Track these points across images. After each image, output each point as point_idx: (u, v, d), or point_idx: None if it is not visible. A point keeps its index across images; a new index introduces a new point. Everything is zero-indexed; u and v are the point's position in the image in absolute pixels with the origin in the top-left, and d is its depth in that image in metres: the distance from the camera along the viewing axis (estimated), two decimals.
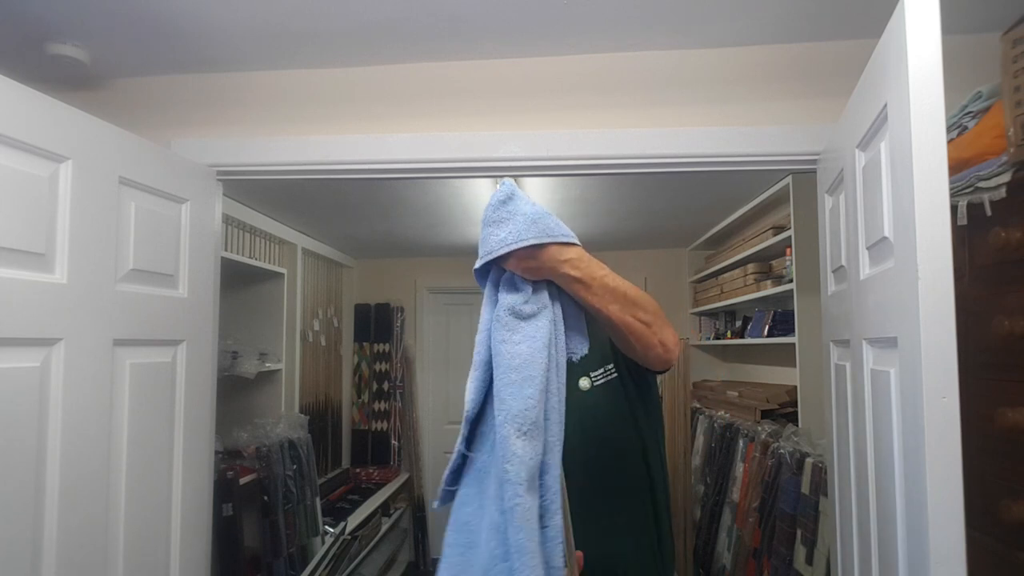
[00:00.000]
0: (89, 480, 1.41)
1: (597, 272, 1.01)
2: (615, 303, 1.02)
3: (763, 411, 2.93)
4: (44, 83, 1.81)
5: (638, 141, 1.77)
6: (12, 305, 1.25)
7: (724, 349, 4.18)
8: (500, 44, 1.76)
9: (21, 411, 1.27)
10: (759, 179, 2.75)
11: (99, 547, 1.43)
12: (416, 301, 4.77)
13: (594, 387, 1.40)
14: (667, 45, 1.78)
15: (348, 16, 1.60)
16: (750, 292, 3.13)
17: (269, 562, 2.69)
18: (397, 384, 4.58)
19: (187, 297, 1.74)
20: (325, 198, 3.06)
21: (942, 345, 0.95)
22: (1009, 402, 1.18)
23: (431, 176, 1.96)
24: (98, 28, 1.64)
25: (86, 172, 1.42)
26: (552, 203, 3.18)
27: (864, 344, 1.27)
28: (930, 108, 0.97)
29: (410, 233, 3.85)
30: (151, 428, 1.61)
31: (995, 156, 1.21)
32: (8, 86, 1.27)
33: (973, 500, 1.07)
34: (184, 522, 1.70)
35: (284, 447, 2.93)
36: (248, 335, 3.20)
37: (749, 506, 2.67)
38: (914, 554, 1.01)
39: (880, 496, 1.20)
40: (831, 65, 1.73)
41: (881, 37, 1.13)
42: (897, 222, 1.07)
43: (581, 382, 1.39)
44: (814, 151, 1.70)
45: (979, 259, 1.29)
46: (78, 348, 1.39)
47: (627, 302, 1.03)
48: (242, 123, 1.90)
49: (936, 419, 0.94)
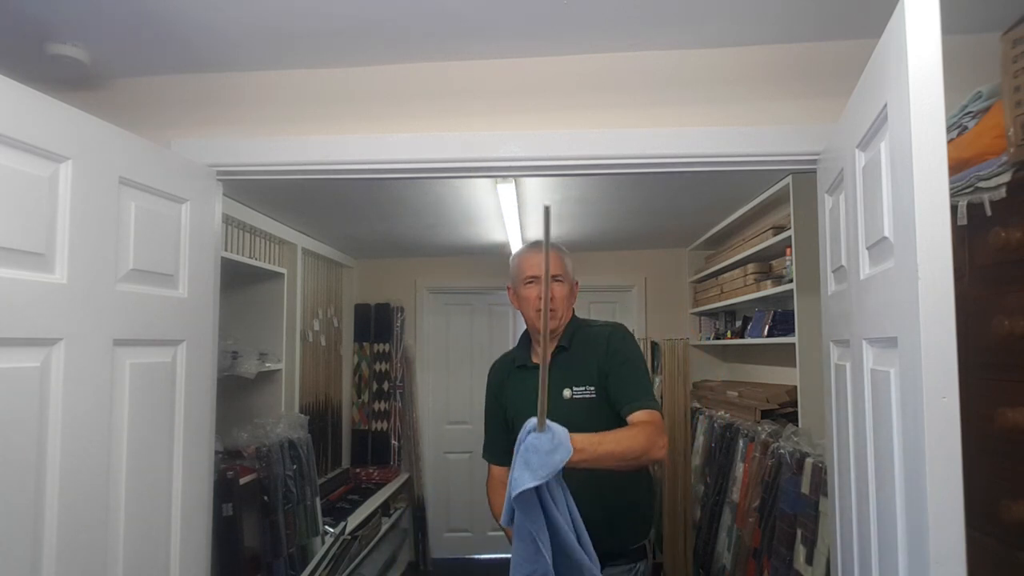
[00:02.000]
0: (89, 480, 1.41)
1: (600, 451, 1.28)
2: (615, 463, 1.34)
3: (763, 411, 2.93)
4: (44, 83, 1.81)
5: (638, 141, 1.77)
6: (12, 305, 1.25)
7: (724, 349, 4.18)
8: (500, 44, 1.76)
9: (21, 411, 1.27)
10: (759, 179, 2.75)
11: (99, 547, 1.43)
12: (416, 301, 4.77)
13: (574, 398, 1.68)
14: (667, 45, 1.77)
15: (348, 16, 1.60)
16: (750, 292, 3.13)
17: (269, 562, 2.69)
18: (397, 384, 4.58)
19: (187, 297, 1.74)
20: (325, 198, 3.06)
21: (942, 345, 0.95)
22: (1009, 402, 1.17)
23: (431, 176, 1.96)
24: (98, 28, 1.64)
25: (86, 172, 1.42)
26: (552, 203, 3.17)
27: (864, 344, 1.27)
28: (930, 108, 0.97)
29: (410, 233, 3.85)
30: (151, 428, 1.61)
31: (995, 156, 1.21)
32: (8, 86, 1.27)
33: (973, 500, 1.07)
34: (184, 522, 1.70)
35: (284, 447, 2.93)
36: (248, 335, 3.20)
37: (749, 506, 2.67)
38: (914, 554, 1.01)
39: (880, 496, 1.20)
40: (831, 65, 1.73)
41: (881, 37, 1.13)
42: (897, 222, 1.07)
43: (564, 391, 1.68)
44: (814, 151, 1.70)
45: (979, 259, 1.29)
46: (78, 348, 1.39)
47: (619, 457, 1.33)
48: (242, 123, 1.90)
49: (936, 419, 0.94)
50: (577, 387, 1.68)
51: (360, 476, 4.28)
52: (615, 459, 1.31)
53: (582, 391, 1.67)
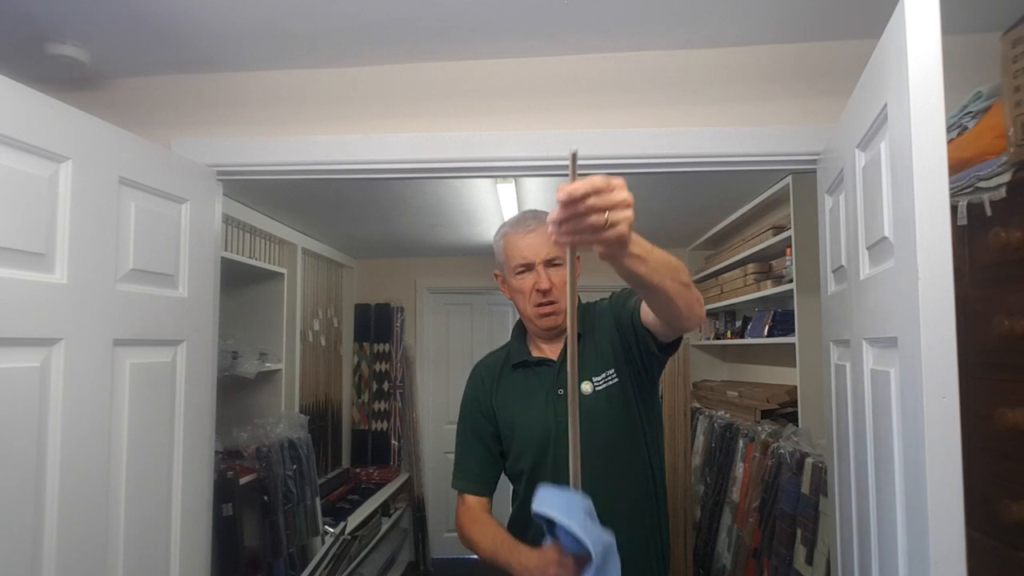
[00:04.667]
0: (89, 480, 1.41)
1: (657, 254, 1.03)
2: (668, 277, 1.05)
3: (763, 411, 2.93)
4: (44, 83, 1.81)
5: (638, 141, 1.77)
6: (12, 305, 1.25)
7: (724, 349, 4.18)
8: (500, 44, 1.76)
9: (21, 411, 1.27)
10: (759, 179, 2.75)
11: (99, 547, 1.43)
12: (416, 301, 4.77)
13: (596, 391, 1.40)
14: (667, 45, 1.77)
15: (348, 16, 1.60)
16: (750, 292, 3.13)
17: (269, 562, 2.69)
18: (397, 384, 4.58)
19: (187, 297, 1.74)
20: (325, 198, 3.06)
21: (942, 345, 0.95)
22: (1009, 402, 1.17)
23: (431, 176, 1.96)
24: (98, 28, 1.64)
25: (86, 172, 1.42)
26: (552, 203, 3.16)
27: (864, 344, 1.27)
28: (930, 108, 0.97)
29: (410, 233, 3.85)
30: (151, 428, 1.61)
31: (995, 156, 1.21)
32: (8, 86, 1.27)
33: (973, 500, 1.07)
34: (184, 522, 1.70)
35: (284, 447, 2.93)
36: (248, 335, 3.20)
37: (749, 506, 2.67)
38: (914, 554, 1.01)
39: (880, 496, 1.20)
40: (831, 65, 1.73)
41: (881, 37, 1.13)
42: (897, 222, 1.07)
43: (583, 386, 1.40)
44: (814, 151, 1.70)
45: (979, 259, 1.29)
46: (78, 348, 1.39)
47: (672, 269, 1.06)
48: (242, 123, 1.89)
49: (936, 419, 0.94)
50: (596, 376, 1.41)
51: (360, 476, 4.27)
52: (669, 271, 1.05)
53: (603, 379, 1.41)
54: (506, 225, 1.51)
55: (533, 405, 1.46)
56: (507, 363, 1.55)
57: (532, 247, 1.42)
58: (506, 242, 1.47)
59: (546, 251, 1.41)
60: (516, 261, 1.44)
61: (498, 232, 1.52)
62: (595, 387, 1.41)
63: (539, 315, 1.44)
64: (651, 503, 1.43)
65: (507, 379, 1.53)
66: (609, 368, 1.41)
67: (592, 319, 1.48)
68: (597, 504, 1.14)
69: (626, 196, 0.86)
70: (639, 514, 1.42)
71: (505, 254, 1.47)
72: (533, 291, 1.42)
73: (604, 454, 1.37)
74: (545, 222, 1.46)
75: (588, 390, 1.40)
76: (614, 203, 0.85)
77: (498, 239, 1.51)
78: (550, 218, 0.89)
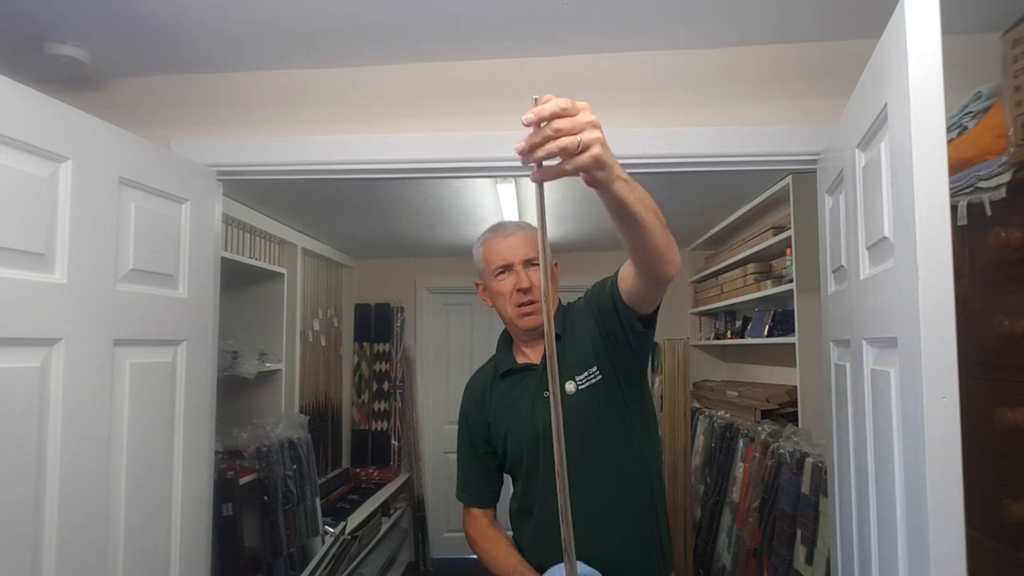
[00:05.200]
0: (89, 480, 1.41)
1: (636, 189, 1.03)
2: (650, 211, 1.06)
3: (763, 411, 2.93)
4: (44, 83, 1.81)
5: (638, 141, 1.77)
6: (12, 305, 1.25)
7: (724, 349, 4.18)
8: (500, 44, 1.76)
9: (21, 411, 1.27)
10: (759, 179, 2.75)
11: (99, 547, 1.43)
12: (416, 301, 4.77)
13: (579, 390, 1.41)
14: (667, 45, 1.77)
15: (348, 16, 1.60)
16: (750, 292, 3.13)
17: (269, 562, 2.69)
18: (397, 384, 4.58)
19: (187, 297, 1.74)
20: (325, 198, 3.06)
21: (942, 345, 0.95)
22: (1009, 402, 1.17)
23: (431, 176, 1.96)
24: (98, 28, 1.64)
25: (86, 172, 1.42)
26: (552, 203, 3.18)
27: (864, 344, 1.27)
28: (930, 108, 0.97)
29: (410, 233, 3.85)
30: (151, 428, 1.61)
31: (995, 156, 1.21)
32: (8, 86, 1.27)
33: (973, 500, 1.07)
34: (184, 522, 1.70)
35: (284, 447, 2.93)
36: (248, 335, 3.20)
37: (749, 506, 2.67)
38: (914, 554, 1.01)
39: (880, 496, 1.20)
40: (831, 65, 1.73)
41: (881, 37, 1.13)
42: (897, 222, 1.07)
43: (566, 386, 1.41)
44: (814, 151, 1.70)
45: (979, 259, 1.29)
46: (78, 348, 1.39)
47: (653, 204, 1.08)
48: (242, 123, 1.89)
49: (936, 419, 0.94)
50: (579, 375, 1.41)
51: (360, 476, 4.27)
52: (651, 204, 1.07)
53: (585, 378, 1.41)
54: (485, 233, 1.54)
55: (521, 410, 1.47)
56: (495, 374, 1.56)
57: (511, 248, 1.45)
58: (486, 248, 1.50)
59: (524, 252, 1.44)
60: (496, 263, 1.46)
61: (477, 241, 1.55)
62: (578, 386, 1.42)
63: (520, 315, 1.45)
64: (648, 497, 1.44)
65: (497, 390, 1.55)
66: (591, 366, 1.42)
67: (571, 319, 1.49)
68: (593, 503, 1.14)
69: (592, 118, 0.85)
70: (636, 510, 1.42)
71: (485, 259, 1.50)
72: (514, 291, 1.44)
73: (595, 452, 1.38)
74: (524, 228, 1.50)
75: (572, 389, 1.41)
76: (581, 125, 0.84)
77: (478, 247, 1.54)
78: (517, 147, 0.84)
